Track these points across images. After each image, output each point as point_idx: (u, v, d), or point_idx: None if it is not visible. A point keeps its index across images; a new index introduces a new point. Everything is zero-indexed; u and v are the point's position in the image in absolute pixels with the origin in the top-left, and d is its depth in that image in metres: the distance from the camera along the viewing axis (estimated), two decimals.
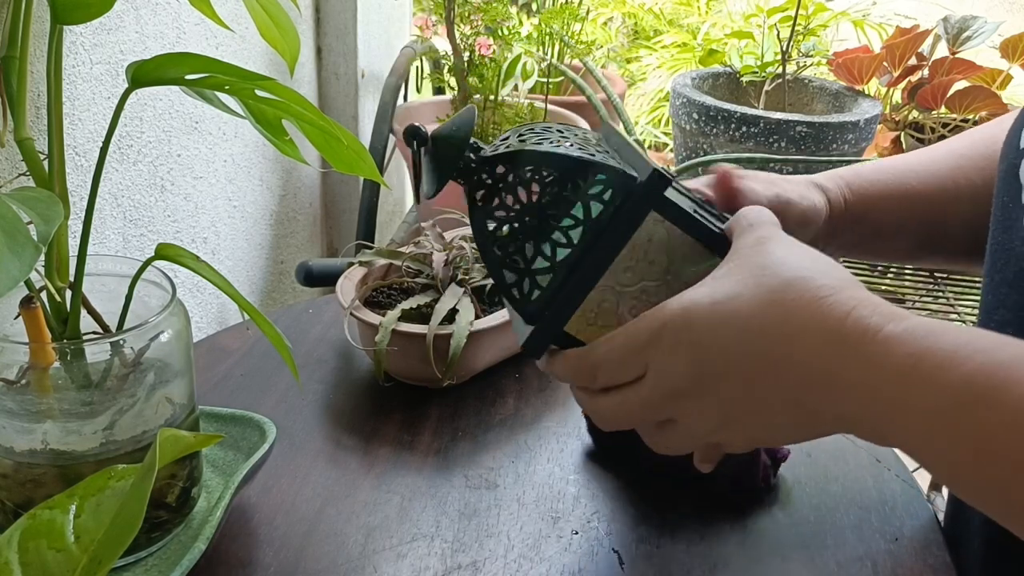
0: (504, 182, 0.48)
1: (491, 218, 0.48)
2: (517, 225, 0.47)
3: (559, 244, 0.47)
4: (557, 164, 0.47)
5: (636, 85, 3.52)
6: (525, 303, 0.48)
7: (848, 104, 1.38)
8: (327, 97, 1.45)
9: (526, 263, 0.47)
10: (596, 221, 0.47)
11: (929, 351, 0.38)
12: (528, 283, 0.48)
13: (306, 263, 0.95)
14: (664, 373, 0.44)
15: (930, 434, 0.38)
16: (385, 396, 0.75)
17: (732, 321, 0.42)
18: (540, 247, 0.47)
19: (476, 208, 0.48)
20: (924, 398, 0.38)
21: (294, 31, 0.58)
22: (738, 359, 0.42)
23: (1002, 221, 0.55)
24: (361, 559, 0.58)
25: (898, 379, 0.39)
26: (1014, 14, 3.15)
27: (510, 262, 0.48)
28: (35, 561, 0.36)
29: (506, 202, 0.48)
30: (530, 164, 0.47)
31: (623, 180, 0.47)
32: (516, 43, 1.27)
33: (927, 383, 0.38)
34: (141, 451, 0.54)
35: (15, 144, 0.52)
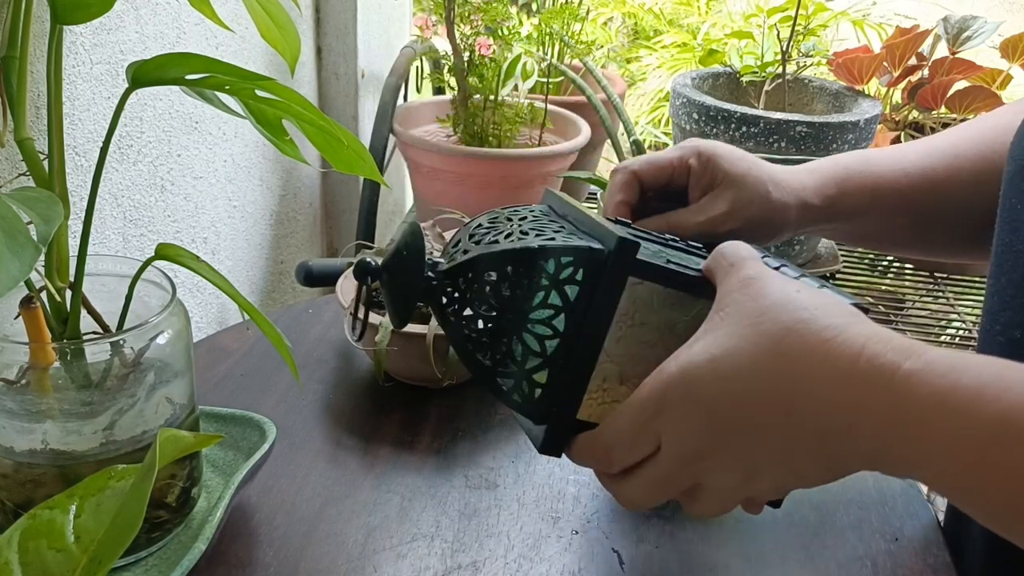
0: (471, 290, 0.46)
1: (468, 328, 0.46)
2: (497, 328, 0.45)
3: (545, 336, 0.45)
4: (520, 259, 0.45)
5: (636, 85, 3.52)
6: (529, 404, 0.46)
7: (848, 104, 1.38)
8: (327, 97, 1.45)
9: (517, 365, 0.45)
10: (575, 303, 0.45)
11: (955, 389, 0.37)
12: (527, 384, 0.46)
13: (306, 263, 0.95)
14: (678, 439, 0.43)
15: (963, 472, 0.37)
16: (385, 396, 0.75)
17: (736, 377, 0.41)
18: (527, 344, 0.45)
19: (450, 323, 0.46)
20: (955, 439, 0.37)
21: (294, 31, 0.58)
22: (750, 412, 0.41)
23: (1009, 222, 0.55)
24: (361, 559, 0.58)
25: (922, 423, 0.37)
26: (1014, 14, 3.15)
27: (501, 368, 0.46)
28: (35, 561, 0.36)
29: (479, 310, 0.46)
30: (493, 267, 0.45)
31: (590, 256, 0.45)
32: (516, 43, 1.27)
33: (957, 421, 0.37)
34: (141, 451, 0.54)
35: (15, 144, 0.52)
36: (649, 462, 0.45)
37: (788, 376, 0.40)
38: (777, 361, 0.41)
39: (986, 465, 0.36)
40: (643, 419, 0.44)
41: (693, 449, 0.43)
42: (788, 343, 0.41)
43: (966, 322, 1.17)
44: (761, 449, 0.42)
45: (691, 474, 0.44)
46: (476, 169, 1.23)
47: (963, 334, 1.29)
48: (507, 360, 0.45)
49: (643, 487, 0.45)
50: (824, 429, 0.40)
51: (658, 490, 0.45)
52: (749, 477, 0.43)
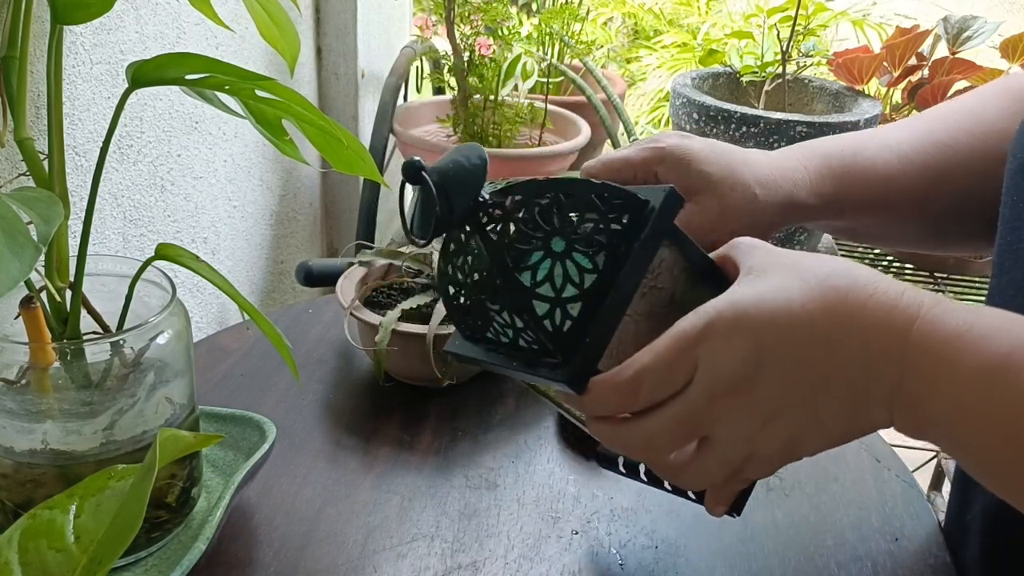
0: (521, 210, 0.46)
1: (512, 249, 0.45)
2: (543, 253, 0.45)
3: (586, 270, 0.45)
4: (576, 189, 0.46)
5: (636, 85, 3.52)
6: (558, 336, 0.45)
7: (848, 104, 1.38)
8: (327, 97, 1.45)
9: (555, 291, 0.45)
10: (618, 244, 0.46)
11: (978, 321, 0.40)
12: (560, 313, 0.45)
13: (306, 263, 0.95)
14: (716, 367, 0.42)
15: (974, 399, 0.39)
16: (385, 396, 0.75)
17: (787, 310, 0.42)
18: (568, 272, 0.45)
19: (490, 242, 0.46)
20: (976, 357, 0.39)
21: (294, 31, 0.58)
22: (796, 345, 0.42)
23: (1010, 221, 0.55)
24: (361, 559, 0.58)
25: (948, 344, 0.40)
26: (1014, 14, 3.15)
27: (539, 292, 0.45)
28: (35, 561, 0.36)
29: (527, 231, 0.45)
30: (548, 190, 0.46)
31: (640, 203, 0.46)
32: (516, 43, 1.27)
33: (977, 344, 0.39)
34: (141, 451, 0.54)
35: (15, 144, 0.52)
36: (676, 397, 0.44)
37: (838, 315, 0.41)
38: (826, 303, 0.42)
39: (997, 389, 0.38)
40: (685, 345, 0.43)
41: (729, 379, 0.42)
42: (834, 284, 0.42)
43: None
44: (798, 385, 0.42)
45: (713, 414, 0.43)
46: None
47: None
48: (546, 284, 0.45)
49: (664, 423, 0.44)
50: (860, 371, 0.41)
51: (679, 428, 0.44)
52: (769, 420, 0.43)
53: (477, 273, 0.47)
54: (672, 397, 0.44)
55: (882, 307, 0.41)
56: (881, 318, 0.41)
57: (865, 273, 0.43)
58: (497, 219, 0.46)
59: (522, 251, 0.45)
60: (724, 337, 0.42)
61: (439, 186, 0.45)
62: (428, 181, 0.45)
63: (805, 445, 0.44)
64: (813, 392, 0.42)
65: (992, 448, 0.40)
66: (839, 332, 0.41)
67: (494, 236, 0.46)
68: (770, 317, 0.42)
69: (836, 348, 0.41)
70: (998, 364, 0.38)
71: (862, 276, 0.43)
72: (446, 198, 0.45)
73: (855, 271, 0.43)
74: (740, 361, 0.42)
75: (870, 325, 0.41)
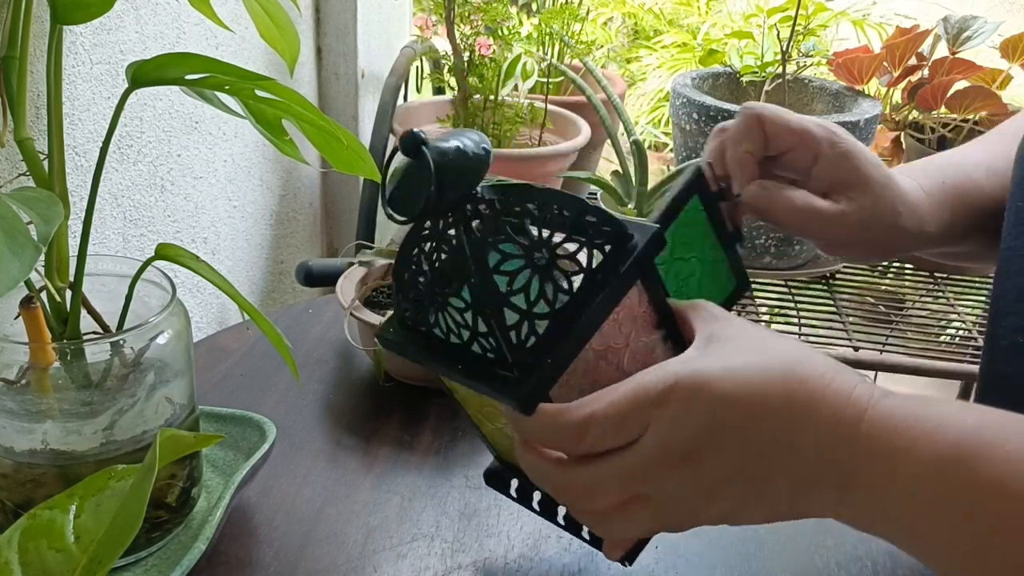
0: (510, 214, 0.44)
1: (495, 250, 0.43)
2: (524, 262, 0.43)
3: (560, 290, 0.43)
4: (572, 206, 0.44)
5: (636, 85, 3.52)
6: (520, 349, 0.43)
7: (848, 104, 1.38)
8: (327, 97, 1.45)
9: (528, 304, 0.43)
10: (595, 272, 0.44)
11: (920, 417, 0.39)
12: (527, 327, 0.43)
13: (306, 263, 0.95)
14: (672, 432, 0.41)
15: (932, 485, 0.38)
16: (385, 396, 0.75)
17: (748, 386, 0.41)
18: (543, 288, 0.43)
19: (474, 239, 0.43)
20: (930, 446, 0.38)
21: (294, 31, 0.58)
22: (751, 426, 0.41)
23: (1015, 226, 0.55)
24: (361, 559, 0.58)
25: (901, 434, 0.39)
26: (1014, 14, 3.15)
27: (513, 301, 0.43)
28: (35, 561, 0.36)
29: (513, 236, 0.43)
30: (542, 200, 0.44)
31: (626, 236, 0.45)
32: (516, 43, 1.27)
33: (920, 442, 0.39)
34: (141, 451, 0.54)
35: (15, 144, 0.52)
36: (622, 452, 0.42)
37: (796, 403, 0.41)
38: (787, 388, 0.41)
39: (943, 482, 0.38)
40: (643, 403, 0.41)
41: (681, 448, 0.42)
42: (798, 374, 0.42)
43: (966, 322, 1.17)
44: (747, 465, 0.42)
45: (658, 477, 0.42)
46: None
47: (963, 334, 1.29)
48: (520, 295, 0.43)
49: (604, 476, 0.43)
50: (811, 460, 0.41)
51: (619, 484, 0.43)
52: (713, 492, 0.42)
53: (447, 265, 0.44)
54: (617, 450, 0.42)
55: (838, 396, 0.41)
56: (837, 408, 0.41)
57: (823, 362, 0.43)
58: (485, 216, 0.44)
59: (503, 255, 0.43)
60: (683, 405, 0.41)
61: (438, 167, 0.42)
62: (428, 159, 0.42)
63: (742, 518, 0.43)
64: (761, 474, 0.42)
65: (949, 534, 0.39)
66: (795, 420, 0.41)
67: (478, 233, 0.44)
68: (731, 394, 0.41)
69: (790, 435, 0.41)
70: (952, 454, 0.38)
71: (821, 365, 0.42)
72: (441, 182, 0.42)
73: (816, 359, 0.43)
74: (695, 432, 0.41)
75: (826, 416, 0.41)
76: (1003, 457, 0.37)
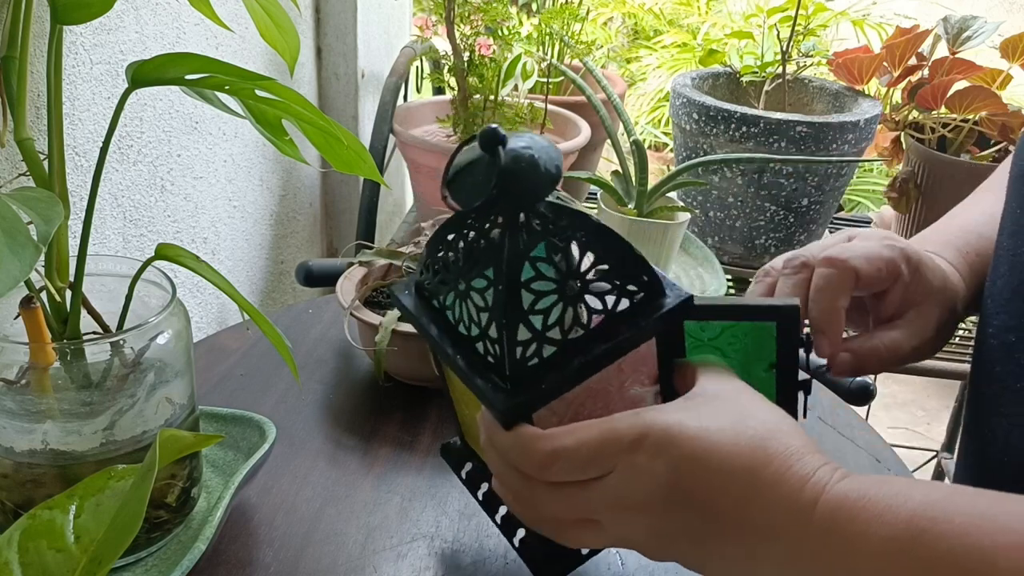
0: (557, 236, 0.44)
1: (532, 266, 0.43)
2: (555, 286, 0.43)
3: (579, 323, 0.44)
4: (617, 247, 0.45)
5: (636, 85, 3.52)
6: (520, 366, 0.44)
7: (848, 104, 1.38)
8: (327, 97, 1.45)
9: (542, 327, 0.43)
10: (618, 316, 0.45)
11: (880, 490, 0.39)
12: (535, 347, 0.43)
13: (306, 263, 0.95)
14: (634, 480, 0.42)
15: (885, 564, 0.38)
16: (385, 396, 0.75)
17: (716, 453, 0.41)
18: (563, 318, 0.44)
19: (515, 250, 0.43)
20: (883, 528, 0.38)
21: (294, 31, 0.58)
22: (709, 490, 0.41)
23: (1010, 227, 0.55)
24: (361, 559, 0.58)
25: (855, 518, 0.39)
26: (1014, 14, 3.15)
27: (531, 319, 0.43)
28: (35, 561, 0.36)
29: (553, 259, 0.44)
30: (593, 234, 0.44)
31: (659, 290, 0.46)
32: (516, 43, 1.27)
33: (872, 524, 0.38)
34: (141, 451, 0.54)
35: (15, 144, 0.52)
36: (585, 484, 0.43)
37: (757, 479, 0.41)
38: (752, 462, 0.41)
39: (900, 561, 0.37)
40: (612, 448, 0.42)
41: (640, 497, 0.42)
42: (767, 450, 0.41)
43: (966, 322, 1.17)
44: (698, 527, 0.42)
45: (614, 516, 0.43)
46: None
47: (963, 334, 1.29)
48: (539, 316, 0.44)
49: (562, 504, 0.44)
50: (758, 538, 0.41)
51: (573, 512, 0.44)
52: (662, 542, 0.43)
53: (481, 260, 0.45)
54: (579, 484, 0.43)
55: (799, 479, 0.41)
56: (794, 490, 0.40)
57: (796, 441, 0.42)
58: (534, 231, 0.44)
59: (537, 273, 0.44)
60: (649, 456, 0.42)
61: (505, 170, 0.42)
62: (498, 161, 0.42)
63: (693, 569, 0.44)
64: (711, 540, 0.42)
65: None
66: (753, 498, 0.41)
67: (522, 245, 0.44)
68: (697, 457, 0.41)
69: (746, 511, 0.41)
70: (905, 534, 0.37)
71: (793, 443, 0.42)
72: (504, 188, 0.42)
73: (791, 437, 0.42)
74: (655, 484, 0.42)
75: (783, 496, 0.40)
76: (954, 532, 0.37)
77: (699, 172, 1.30)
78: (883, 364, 0.56)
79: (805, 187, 1.28)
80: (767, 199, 1.29)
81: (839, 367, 0.55)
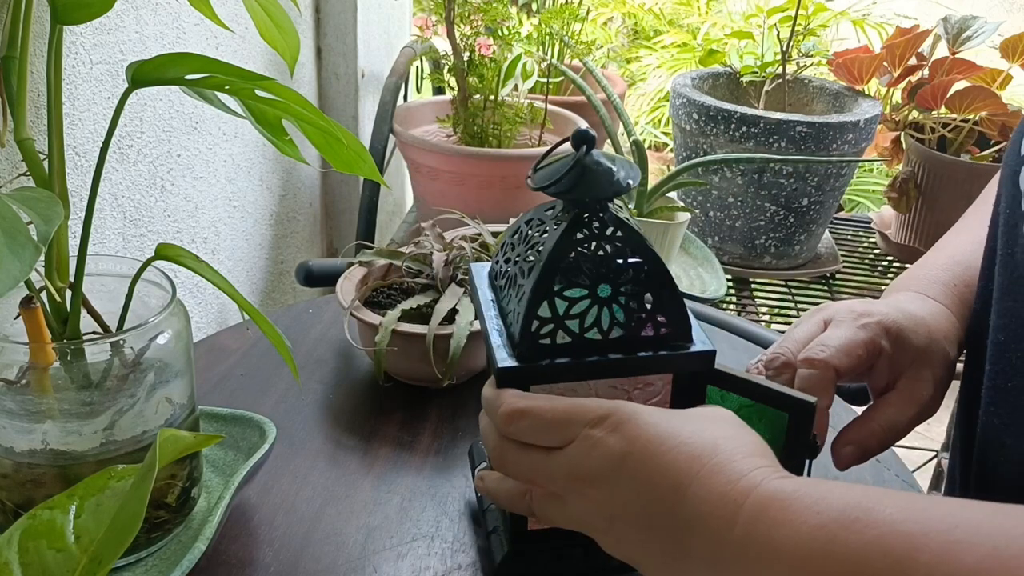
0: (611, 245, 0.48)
1: (576, 257, 0.47)
2: (589, 281, 0.47)
3: (598, 326, 0.47)
4: (660, 278, 0.48)
5: (636, 85, 3.52)
6: (530, 341, 0.47)
7: (848, 104, 1.38)
8: (327, 97, 1.45)
9: (563, 312, 0.47)
10: (637, 338, 0.48)
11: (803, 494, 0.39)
12: (551, 327, 0.47)
13: (306, 263, 0.95)
14: (589, 453, 0.44)
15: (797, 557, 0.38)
16: (385, 396, 0.75)
17: (665, 439, 0.43)
18: (585, 315, 0.47)
19: (570, 236, 0.47)
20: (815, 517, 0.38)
21: (294, 31, 0.58)
22: (653, 472, 0.42)
23: (1002, 227, 0.55)
24: (361, 559, 0.58)
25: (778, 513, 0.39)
26: (1014, 14, 3.15)
27: (556, 302, 0.47)
28: (35, 561, 0.36)
29: (597, 259, 0.47)
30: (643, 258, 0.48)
31: (684, 331, 0.49)
32: (516, 43, 1.27)
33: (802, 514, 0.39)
34: (141, 451, 0.54)
35: (15, 144, 0.52)
36: (543, 452, 0.46)
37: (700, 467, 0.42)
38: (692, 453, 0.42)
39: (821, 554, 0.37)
40: (576, 420, 0.45)
41: (592, 470, 0.44)
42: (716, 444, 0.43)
43: None
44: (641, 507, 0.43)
45: (570, 489, 0.45)
46: (476, 169, 1.23)
47: None
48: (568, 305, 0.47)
49: (526, 465, 0.47)
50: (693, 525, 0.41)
51: (537, 476, 0.47)
52: (607, 523, 0.44)
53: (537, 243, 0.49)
54: (543, 449, 0.46)
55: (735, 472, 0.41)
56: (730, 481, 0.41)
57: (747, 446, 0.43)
58: (589, 229, 0.48)
59: (578, 266, 0.47)
60: (607, 431, 0.44)
61: (584, 165, 0.47)
62: (579, 157, 0.47)
63: (635, 560, 0.44)
64: (644, 525, 0.43)
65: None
66: (688, 482, 0.41)
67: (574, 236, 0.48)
68: (652, 438, 0.43)
69: (678, 494, 0.42)
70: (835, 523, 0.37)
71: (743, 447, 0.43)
72: (577, 178, 0.47)
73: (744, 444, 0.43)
74: (607, 459, 0.44)
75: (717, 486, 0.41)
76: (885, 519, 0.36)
77: (699, 172, 1.30)
78: (886, 444, 0.56)
79: (805, 187, 1.28)
80: (767, 199, 1.29)
81: (844, 460, 0.56)
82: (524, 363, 0.47)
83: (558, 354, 0.48)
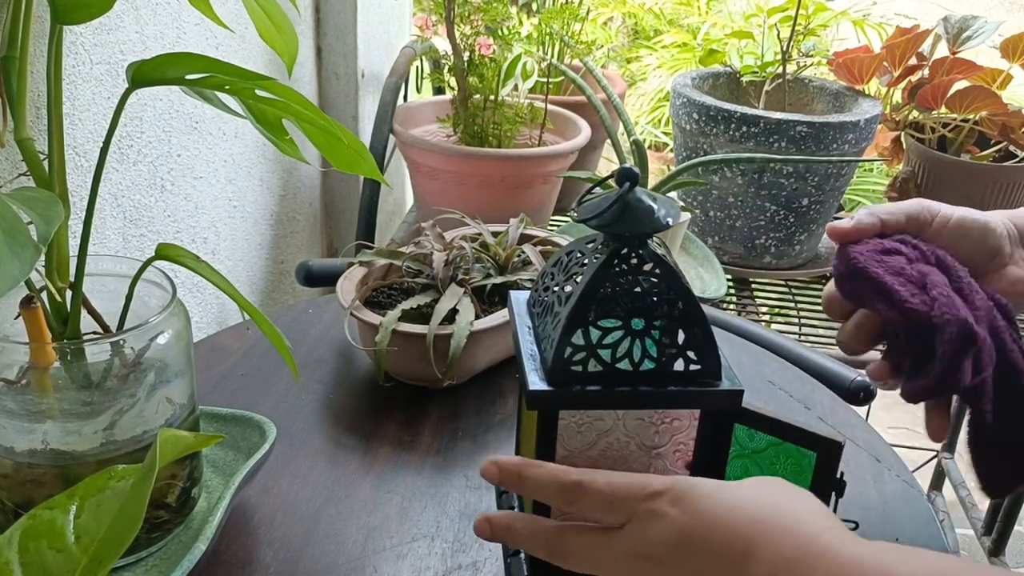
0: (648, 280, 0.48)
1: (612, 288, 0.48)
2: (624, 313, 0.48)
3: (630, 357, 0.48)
4: (694, 317, 0.48)
5: (636, 85, 3.52)
6: (565, 367, 0.48)
7: (848, 104, 1.38)
8: (327, 97, 1.45)
9: (596, 341, 0.48)
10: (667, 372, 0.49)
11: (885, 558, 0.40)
12: (583, 355, 0.48)
13: (306, 263, 0.95)
14: (647, 528, 0.44)
15: None
16: (385, 396, 0.75)
17: (721, 516, 0.43)
18: (618, 345, 0.48)
19: (607, 268, 0.48)
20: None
21: (292, 31, 0.58)
22: (710, 548, 0.42)
23: None
24: (361, 559, 0.58)
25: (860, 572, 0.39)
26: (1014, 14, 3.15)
27: (590, 331, 0.48)
28: (35, 561, 0.36)
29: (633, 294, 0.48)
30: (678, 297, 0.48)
31: (714, 369, 0.49)
32: (516, 43, 1.27)
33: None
34: (141, 451, 0.54)
35: (15, 144, 0.52)
36: (602, 533, 0.45)
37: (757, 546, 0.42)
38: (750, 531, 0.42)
39: None
40: (635, 494, 0.44)
41: (649, 549, 0.44)
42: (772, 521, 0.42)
43: None
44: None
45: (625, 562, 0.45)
46: (476, 169, 1.23)
47: None
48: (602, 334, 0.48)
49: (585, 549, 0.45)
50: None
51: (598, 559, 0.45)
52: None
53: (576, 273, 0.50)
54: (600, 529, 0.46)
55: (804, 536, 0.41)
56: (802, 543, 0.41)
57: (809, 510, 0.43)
58: (628, 263, 0.49)
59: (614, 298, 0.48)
60: (668, 503, 0.44)
61: (627, 201, 0.48)
62: (622, 195, 0.48)
63: None
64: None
65: None
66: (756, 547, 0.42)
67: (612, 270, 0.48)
68: (712, 508, 0.43)
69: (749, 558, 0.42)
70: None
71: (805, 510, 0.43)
72: (619, 213, 0.48)
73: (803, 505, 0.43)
74: (669, 530, 0.43)
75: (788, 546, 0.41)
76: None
77: (699, 172, 1.30)
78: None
79: (805, 187, 1.28)
80: (767, 199, 1.29)
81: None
82: (555, 387, 0.48)
83: (589, 382, 0.48)
